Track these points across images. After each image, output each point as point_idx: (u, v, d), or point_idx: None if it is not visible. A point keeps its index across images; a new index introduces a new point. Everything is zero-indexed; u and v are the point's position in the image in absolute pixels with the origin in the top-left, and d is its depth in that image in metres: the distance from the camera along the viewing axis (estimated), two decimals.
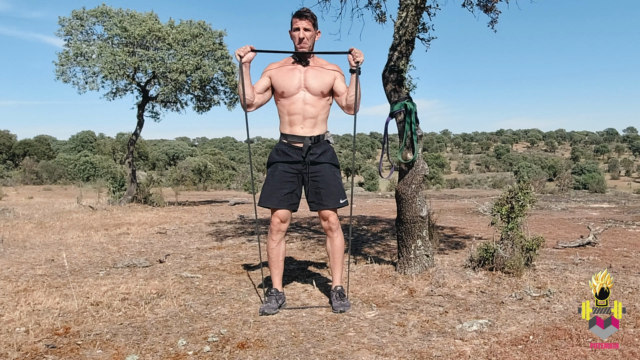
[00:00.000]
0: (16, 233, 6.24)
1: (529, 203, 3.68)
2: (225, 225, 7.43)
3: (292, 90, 2.90)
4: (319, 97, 2.93)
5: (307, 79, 2.90)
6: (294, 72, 2.91)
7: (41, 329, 2.60)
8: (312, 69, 2.92)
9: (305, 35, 2.84)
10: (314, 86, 2.90)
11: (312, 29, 2.87)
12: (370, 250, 4.97)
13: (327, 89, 2.94)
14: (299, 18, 2.85)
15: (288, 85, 2.90)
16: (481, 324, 2.65)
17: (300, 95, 2.91)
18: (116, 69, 9.71)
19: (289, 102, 2.93)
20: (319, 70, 2.93)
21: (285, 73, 2.91)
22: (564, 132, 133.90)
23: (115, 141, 49.44)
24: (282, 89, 2.91)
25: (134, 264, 4.28)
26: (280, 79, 2.91)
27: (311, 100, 2.92)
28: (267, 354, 2.29)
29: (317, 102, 2.94)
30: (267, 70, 2.97)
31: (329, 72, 2.94)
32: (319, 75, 2.91)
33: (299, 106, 2.92)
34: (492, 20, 4.18)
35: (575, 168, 63.66)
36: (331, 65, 2.99)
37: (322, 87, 2.91)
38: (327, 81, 2.92)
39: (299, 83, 2.90)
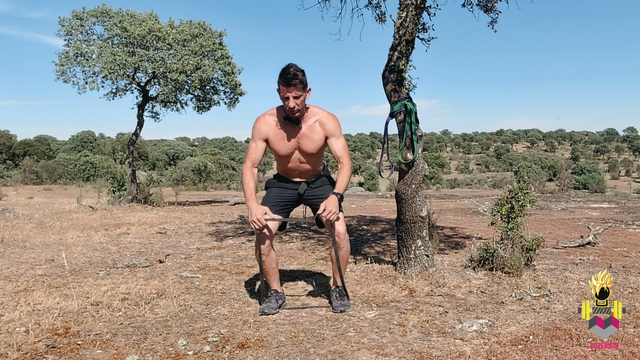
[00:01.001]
0: (16, 233, 6.24)
1: (529, 203, 3.68)
2: (225, 225, 7.43)
3: (287, 152, 2.95)
4: (313, 154, 2.98)
5: (301, 142, 2.92)
6: (287, 135, 2.91)
7: (41, 329, 2.60)
8: (304, 130, 2.90)
9: (296, 103, 2.77)
10: (307, 148, 2.93)
11: (302, 92, 2.78)
12: (370, 250, 4.97)
13: (321, 146, 2.96)
14: (286, 86, 2.73)
15: (282, 149, 2.94)
16: (481, 324, 2.65)
17: (295, 155, 2.97)
18: (116, 69, 9.71)
19: (284, 160, 3.00)
20: (311, 130, 2.91)
21: (278, 135, 2.91)
22: (564, 132, 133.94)
23: (115, 141, 49.45)
24: (276, 150, 2.96)
25: (134, 264, 4.28)
26: (274, 142, 2.93)
27: (306, 158, 2.98)
28: (267, 354, 2.29)
29: (312, 157, 2.99)
30: (261, 132, 2.92)
31: (320, 132, 2.91)
32: (311, 136, 2.91)
33: (295, 164, 3.00)
34: (492, 20, 4.18)
35: (575, 168, 63.68)
36: (321, 116, 2.93)
37: (315, 147, 2.94)
38: (320, 141, 2.93)
39: (293, 146, 2.93)
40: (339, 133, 2.93)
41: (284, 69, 2.77)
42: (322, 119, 2.91)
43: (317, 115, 2.92)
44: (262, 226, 2.73)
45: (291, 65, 2.78)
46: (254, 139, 2.92)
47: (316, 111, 2.94)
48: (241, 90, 11.46)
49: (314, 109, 2.95)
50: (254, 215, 2.71)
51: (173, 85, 10.37)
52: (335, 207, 2.73)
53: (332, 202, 2.75)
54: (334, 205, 2.73)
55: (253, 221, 2.71)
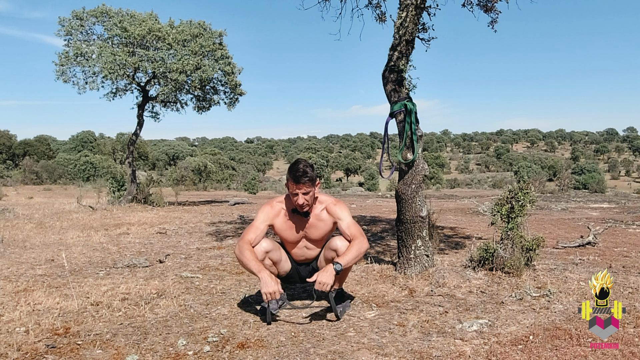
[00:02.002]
0: (16, 233, 6.24)
1: (529, 203, 3.68)
2: (225, 225, 7.43)
3: (294, 240, 2.97)
4: (320, 240, 2.99)
5: (308, 232, 2.94)
6: (295, 225, 2.92)
7: (41, 329, 2.60)
8: (312, 221, 2.92)
9: (305, 199, 2.79)
10: (315, 236, 2.95)
11: (311, 188, 2.80)
12: (370, 250, 4.97)
13: (328, 231, 2.97)
14: (295, 183, 2.76)
15: (289, 237, 2.96)
16: (481, 324, 2.65)
17: (302, 243, 2.99)
18: (116, 69, 9.70)
19: (290, 245, 3.02)
20: (318, 219, 2.92)
21: (286, 224, 2.92)
22: (564, 132, 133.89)
23: (115, 141, 49.46)
24: (283, 237, 2.97)
25: (134, 264, 4.28)
26: (281, 231, 2.94)
27: (313, 243, 3.00)
28: (267, 354, 2.29)
29: (319, 242, 3.01)
30: (268, 217, 2.91)
31: (328, 219, 2.92)
32: (318, 225, 2.93)
33: (301, 250, 3.02)
34: (492, 20, 4.18)
35: (575, 168, 63.65)
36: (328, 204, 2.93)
37: (322, 234, 2.96)
38: (327, 228, 2.95)
39: (300, 235, 2.96)
40: (347, 215, 2.92)
41: (292, 165, 2.79)
42: (329, 206, 2.93)
43: (324, 203, 2.94)
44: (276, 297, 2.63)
45: (300, 162, 2.80)
46: (259, 221, 2.89)
47: (323, 199, 2.96)
48: (241, 90, 11.46)
49: (321, 197, 2.97)
50: (270, 287, 2.59)
51: (173, 85, 10.37)
52: (329, 279, 2.62)
53: (328, 272, 2.64)
54: (328, 277, 2.63)
55: (268, 293, 2.60)
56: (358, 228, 2.86)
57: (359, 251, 2.74)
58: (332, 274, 2.63)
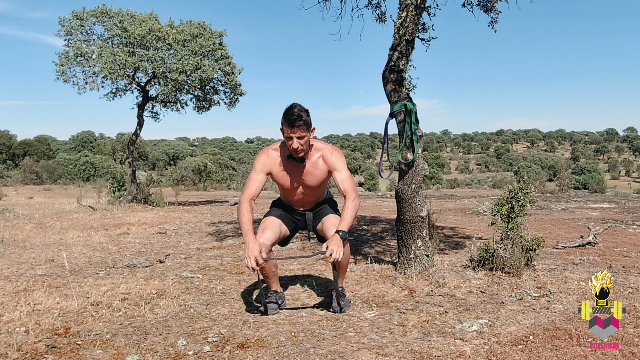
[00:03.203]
0: (16, 233, 6.24)
1: (529, 203, 3.68)
2: (225, 225, 7.43)
3: (290, 186, 2.96)
4: (317, 187, 2.98)
5: (304, 178, 2.93)
6: (291, 171, 2.92)
7: (41, 329, 2.60)
8: (307, 167, 2.91)
9: (300, 144, 2.76)
10: (311, 182, 2.94)
11: (306, 133, 2.76)
12: (370, 250, 4.97)
13: (324, 179, 2.96)
14: (290, 127, 2.71)
15: (286, 184, 2.95)
16: (481, 324, 2.65)
17: (299, 189, 2.98)
18: (116, 69, 9.70)
19: (288, 192, 3.01)
20: (314, 166, 2.91)
21: (282, 171, 2.92)
22: (564, 132, 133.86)
23: (115, 141, 49.46)
24: (280, 184, 2.97)
25: (134, 264, 4.28)
26: (278, 177, 2.93)
27: (310, 191, 2.99)
28: (267, 354, 2.30)
29: (316, 190, 3.00)
30: (265, 165, 2.91)
31: (324, 167, 2.91)
32: (314, 172, 2.91)
33: (299, 197, 3.01)
34: (492, 20, 4.18)
35: (575, 168, 63.63)
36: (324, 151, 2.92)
37: (318, 181, 2.95)
38: (323, 176, 2.93)
39: (296, 181, 2.94)
40: (342, 166, 2.89)
41: (287, 109, 2.75)
42: (325, 154, 2.90)
43: (320, 151, 2.91)
44: (257, 267, 2.60)
45: (295, 106, 2.76)
46: (256, 171, 2.89)
47: (320, 146, 2.93)
48: (241, 90, 11.46)
49: (317, 144, 2.93)
50: (250, 252, 2.57)
51: (173, 85, 10.37)
52: (339, 246, 2.62)
53: (336, 241, 2.64)
54: (337, 244, 2.62)
55: (248, 257, 2.57)
56: (352, 183, 2.88)
57: (354, 211, 2.79)
58: (339, 241, 2.65)
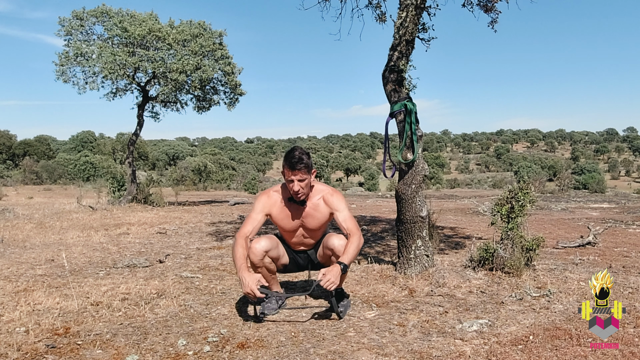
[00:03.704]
0: (16, 233, 6.24)
1: (529, 203, 3.68)
2: (225, 225, 7.43)
3: (291, 228, 2.95)
4: (317, 229, 2.98)
5: (305, 220, 2.92)
6: (292, 214, 2.91)
7: (41, 329, 2.60)
8: (308, 209, 2.90)
9: (301, 187, 2.77)
10: (311, 225, 2.93)
11: (307, 175, 2.77)
12: (370, 250, 4.97)
13: (325, 221, 2.95)
14: (291, 170, 2.73)
15: (286, 226, 2.94)
16: (481, 324, 2.65)
17: (299, 231, 2.97)
18: (116, 69, 9.70)
19: (288, 234, 3.00)
20: (315, 208, 2.90)
21: (282, 213, 2.91)
22: (564, 132, 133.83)
23: (115, 141, 49.45)
24: (280, 225, 2.96)
25: (134, 264, 4.28)
26: (278, 219, 2.93)
27: (309, 233, 2.99)
28: (267, 354, 2.30)
29: (316, 232, 3.00)
30: (265, 207, 2.91)
31: (325, 209, 2.91)
32: (315, 215, 2.91)
33: (299, 239, 3.01)
34: (492, 20, 4.18)
35: (575, 168, 63.59)
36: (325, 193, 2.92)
37: (319, 224, 2.94)
38: (324, 218, 2.93)
39: (297, 224, 2.94)
40: (344, 207, 2.90)
41: (288, 153, 2.77)
42: (326, 196, 2.91)
43: (321, 193, 2.92)
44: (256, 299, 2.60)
45: (296, 149, 2.77)
46: (255, 211, 2.89)
47: (320, 188, 2.94)
48: (241, 90, 11.46)
49: (318, 186, 2.95)
50: (247, 287, 2.55)
51: (173, 85, 10.37)
52: (336, 277, 2.60)
53: (334, 272, 2.62)
54: (334, 275, 2.60)
55: (247, 293, 2.57)
56: (354, 222, 2.87)
57: (358, 248, 2.76)
58: (338, 273, 2.63)
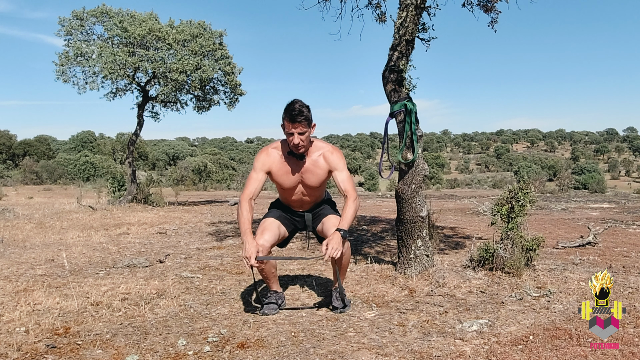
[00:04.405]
0: (16, 233, 6.24)
1: (529, 203, 3.68)
2: (225, 225, 7.43)
3: (290, 185, 2.94)
4: (316, 187, 2.96)
5: (304, 176, 2.91)
6: (291, 169, 2.90)
7: (41, 329, 2.60)
8: (308, 165, 2.89)
9: (301, 139, 2.75)
10: (311, 181, 2.92)
11: (307, 129, 2.76)
12: (370, 250, 4.97)
13: (324, 179, 2.95)
14: (291, 122, 2.71)
15: (286, 182, 2.93)
16: (481, 324, 2.65)
17: (298, 188, 2.96)
18: (116, 69, 9.70)
19: (287, 192, 2.98)
20: (314, 164, 2.89)
21: (282, 169, 2.90)
22: (564, 132, 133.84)
23: (115, 141, 49.45)
24: (279, 183, 2.95)
25: (134, 264, 4.28)
26: (278, 176, 2.91)
27: (309, 191, 2.97)
28: (267, 354, 2.30)
29: (315, 190, 2.98)
30: (265, 164, 2.90)
31: (324, 166, 2.89)
32: (314, 170, 2.89)
33: (298, 197, 2.99)
34: (492, 20, 4.18)
35: (575, 168, 63.62)
36: (325, 150, 2.91)
37: (318, 181, 2.93)
38: (323, 175, 2.92)
39: (296, 180, 2.92)
40: (343, 166, 2.89)
41: (289, 105, 2.75)
42: (326, 153, 2.90)
43: (321, 150, 2.91)
44: (251, 264, 2.61)
45: (296, 102, 2.76)
46: (256, 170, 2.88)
47: (320, 145, 2.93)
48: (241, 90, 11.46)
49: (318, 142, 2.94)
50: (247, 251, 2.57)
51: (173, 85, 10.37)
52: (339, 244, 2.63)
53: (336, 239, 2.64)
54: (337, 242, 2.63)
55: (246, 257, 2.58)
56: (352, 184, 2.87)
57: (355, 211, 2.79)
58: (340, 239, 2.65)
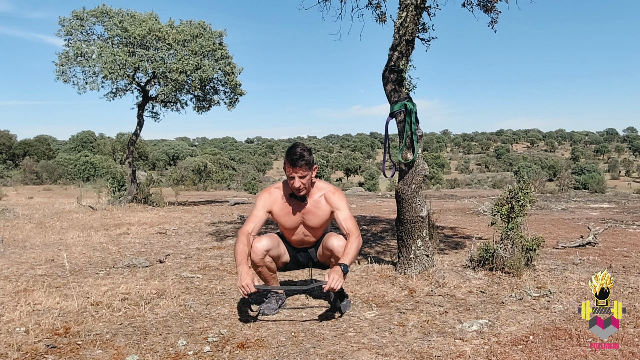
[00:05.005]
0: (16, 233, 6.24)
1: (529, 203, 3.68)
2: (225, 225, 7.43)
3: (292, 226, 2.95)
4: (318, 228, 2.97)
5: (305, 217, 2.92)
6: (293, 210, 2.91)
7: (41, 329, 2.60)
8: (309, 206, 2.90)
9: (302, 183, 2.77)
10: (312, 222, 2.93)
11: (308, 172, 2.78)
12: (370, 250, 4.98)
13: (326, 220, 2.95)
14: (292, 166, 2.74)
15: (287, 223, 2.94)
16: (481, 324, 2.65)
17: (300, 229, 2.97)
18: (116, 69, 9.70)
19: (289, 232, 3.00)
20: (316, 205, 2.90)
21: (284, 210, 2.91)
22: (564, 132, 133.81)
23: (115, 141, 49.44)
24: (281, 223, 2.96)
25: (134, 264, 4.28)
26: (279, 216, 2.92)
27: (311, 231, 2.98)
28: (267, 354, 2.30)
29: (317, 230, 2.99)
30: (267, 204, 2.91)
31: (326, 207, 2.90)
32: (316, 212, 2.91)
33: (299, 237, 3.01)
34: (492, 20, 4.18)
35: (575, 168, 63.59)
36: (326, 191, 2.92)
37: (320, 222, 2.94)
38: (325, 216, 2.92)
39: (298, 220, 2.93)
40: (344, 206, 2.90)
41: (290, 149, 2.77)
42: (327, 194, 2.91)
43: (322, 190, 2.92)
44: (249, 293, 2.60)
45: (297, 145, 2.78)
46: (258, 209, 2.89)
47: (322, 186, 2.94)
48: (241, 90, 11.46)
49: (319, 183, 2.95)
50: (242, 281, 2.57)
51: (173, 85, 10.37)
52: (340, 277, 2.62)
53: (337, 273, 2.62)
54: (339, 278, 2.61)
55: (242, 286, 2.57)
56: (354, 222, 2.87)
57: (357, 248, 2.77)
58: (341, 275, 2.64)
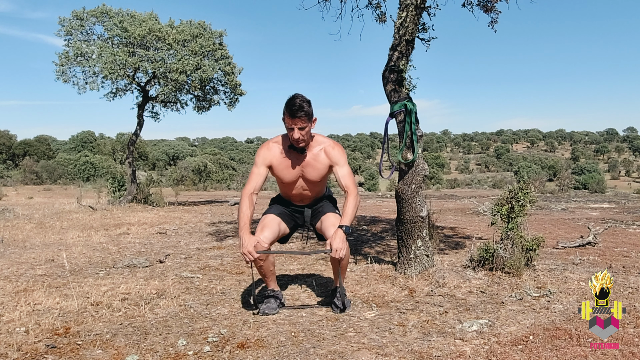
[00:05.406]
0: (16, 233, 6.24)
1: (529, 203, 3.68)
2: (225, 225, 7.43)
3: (291, 179, 2.95)
4: (317, 182, 2.97)
5: (305, 170, 2.91)
6: (292, 163, 2.91)
7: (41, 329, 2.60)
8: (308, 159, 2.89)
9: (301, 134, 2.76)
10: (311, 176, 2.93)
11: (308, 123, 2.76)
12: (370, 250, 4.97)
13: (325, 174, 2.95)
14: (291, 117, 2.71)
15: (286, 176, 2.93)
16: (481, 324, 2.65)
17: (299, 183, 2.97)
18: (116, 69, 9.70)
19: (288, 186, 2.99)
20: (315, 159, 2.90)
21: (283, 163, 2.90)
22: (564, 132, 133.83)
23: (115, 141, 49.46)
24: (280, 177, 2.96)
25: (134, 264, 4.28)
26: (279, 170, 2.92)
27: (309, 185, 2.98)
28: (267, 354, 2.30)
29: (316, 185, 2.99)
30: (266, 158, 2.90)
31: (325, 161, 2.90)
32: (315, 165, 2.90)
33: (298, 191, 3.00)
34: (492, 20, 4.18)
35: (575, 168, 63.62)
36: (326, 145, 2.91)
37: (319, 175, 2.94)
38: (324, 170, 2.92)
39: (297, 174, 2.93)
40: (344, 161, 2.89)
41: (289, 100, 2.75)
42: (327, 148, 2.90)
43: (322, 144, 2.91)
44: (252, 259, 2.63)
45: (297, 96, 2.76)
46: (257, 165, 2.89)
47: (321, 140, 2.93)
48: (241, 90, 11.46)
49: (319, 137, 2.94)
50: (245, 247, 2.59)
51: (173, 85, 10.37)
52: (343, 242, 2.63)
53: (340, 237, 2.64)
54: (341, 241, 2.63)
55: (244, 253, 2.59)
56: (353, 180, 2.87)
57: (356, 207, 2.79)
58: (343, 237, 2.64)
